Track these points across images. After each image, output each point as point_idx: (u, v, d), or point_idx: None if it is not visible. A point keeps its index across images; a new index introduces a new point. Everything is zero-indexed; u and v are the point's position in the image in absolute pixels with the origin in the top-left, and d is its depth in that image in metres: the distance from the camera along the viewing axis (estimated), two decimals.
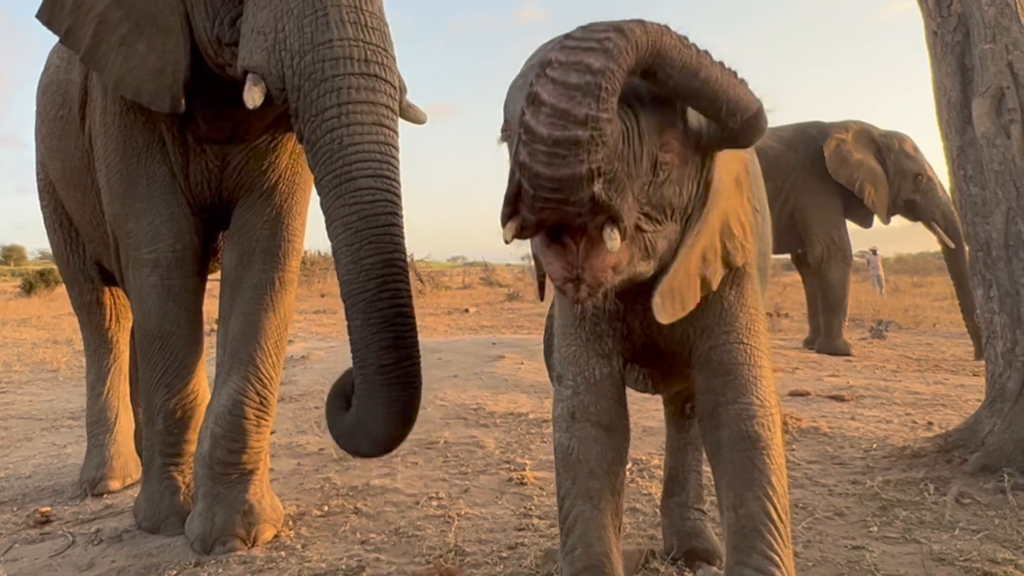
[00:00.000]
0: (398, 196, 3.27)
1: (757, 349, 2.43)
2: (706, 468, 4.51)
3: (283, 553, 3.88)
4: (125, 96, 3.98)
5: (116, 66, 3.93)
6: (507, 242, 1.93)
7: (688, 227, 2.23)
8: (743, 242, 2.39)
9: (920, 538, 3.76)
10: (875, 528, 3.92)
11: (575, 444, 2.50)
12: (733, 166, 2.39)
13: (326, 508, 4.55)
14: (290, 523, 4.30)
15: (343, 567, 3.68)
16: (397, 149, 3.35)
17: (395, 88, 3.43)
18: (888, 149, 10.95)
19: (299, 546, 3.97)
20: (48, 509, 4.63)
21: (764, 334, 2.50)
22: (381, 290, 3.13)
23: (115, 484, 5.09)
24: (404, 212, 3.29)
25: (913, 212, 10.94)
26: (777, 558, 2.30)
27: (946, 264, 10.75)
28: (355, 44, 3.33)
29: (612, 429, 2.54)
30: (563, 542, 2.49)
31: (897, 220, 11.15)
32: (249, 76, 3.44)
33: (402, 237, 3.25)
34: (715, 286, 2.34)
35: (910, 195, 10.82)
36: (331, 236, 3.27)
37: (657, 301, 2.17)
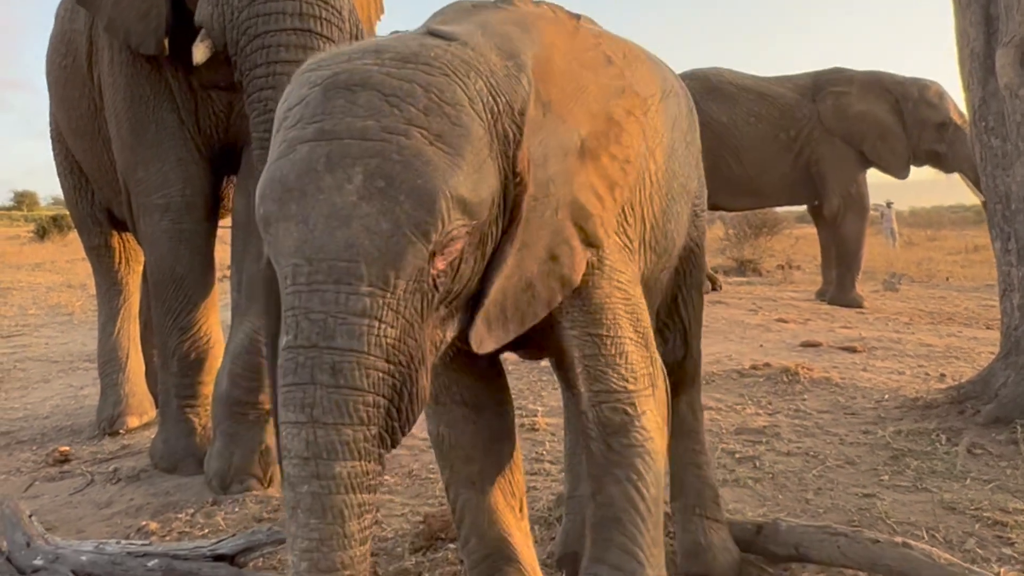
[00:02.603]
0: None
1: (613, 338, 2.09)
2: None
3: None
4: (116, 38, 4.04)
5: (108, 8, 3.98)
6: None
7: (503, 241, 1.78)
8: (604, 213, 1.98)
9: (931, 487, 3.78)
10: (886, 477, 3.95)
11: (444, 431, 2.32)
12: (569, 139, 1.88)
13: None
14: None
15: None
16: None
17: (334, 42, 3.39)
18: (905, 98, 10.53)
19: None
20: (67, 448, 4.70)
21: (625, 308, 2.13)
22: None
23: (133, 421, 5.16)
24: None
25: (939, 163, 10.65)
26: (641, 553, 2.06)
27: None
28: None
29: (480, 407, 2.32)
30: (458, 535, 2.37)
31: (912, 173, 10.93)
32: (201, 31, 3.48)
33: None
34: (577, 279, 1.96)
35: (933, 145, 10.45)
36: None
37: (480, 332, 1.78)
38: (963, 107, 6.29)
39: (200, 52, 3.50)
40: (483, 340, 1.82)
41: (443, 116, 1.57)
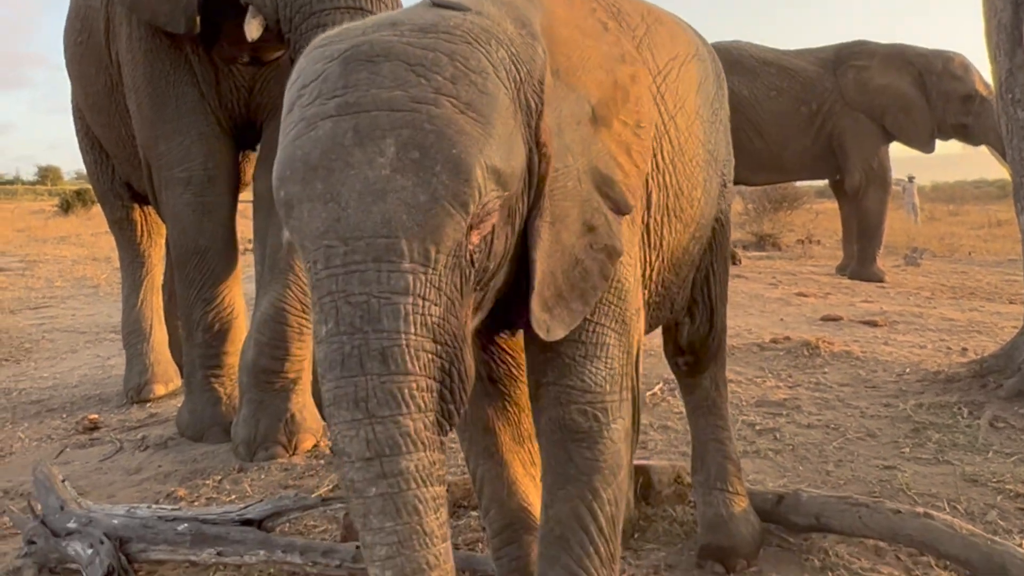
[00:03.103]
0: None
1: (596, 323, 1.96)
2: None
3: (322, 461, 3.99)
4: (141, 19, 4.03)
5: None
6: None
7: (532, 216, 1.73)
8: (627, 179, 1.89)
9: (952, 459, 3.79)
10: (907, 449, 3.95)
11: None
12: (580, 108, 1.83)
13: None
14: (329, 433, 4.42)
15: None
16: None
17: None
18: (929, 71, 10.40)
19: None
20: (96, 416, 4.79)
21: (614, 292, 2.00)
22: None
23: (160, 389, 5.25)
24: None
25: (966, 136, 10.52)
26: (584, 574, 1.95)
27: None
28: None
29: (496, 379, 2.28)
30: (479, 504, 2.34)
31: (935, 148, 10.79)
32: (249, 8, 3.48)
33: None
34: (622, 247, 1.88)
35: (959, 119, 10.32)
36: None
37: (542, 318, 1.73)
38: (989, 79, 6.20)
39: (253, 28, 3.51)
40: (548, 325, 1.76)
41: (471, 84, 1.52)
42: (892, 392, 4.90)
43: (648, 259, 2.33)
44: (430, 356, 1.46)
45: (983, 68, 10.12)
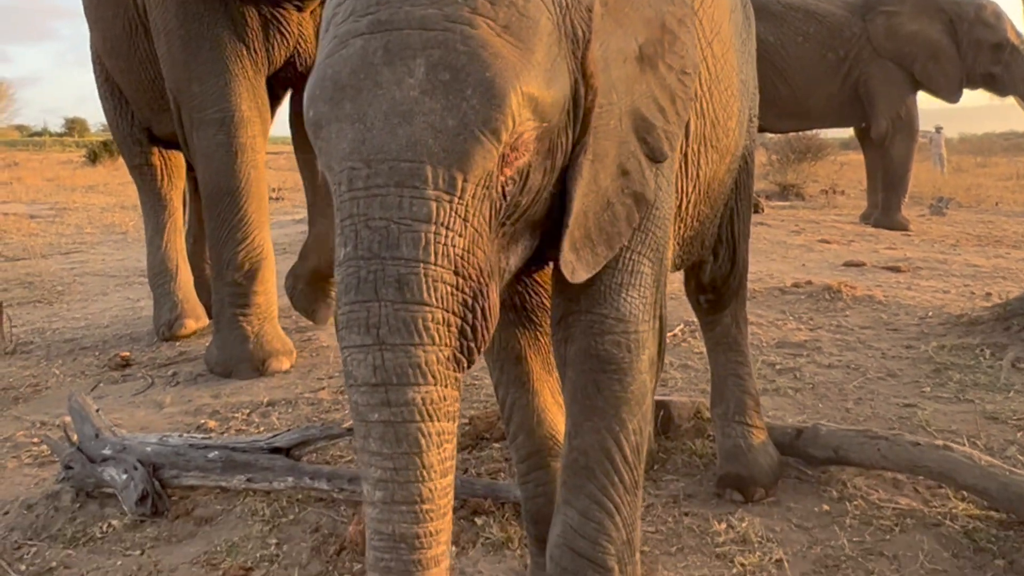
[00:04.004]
0: None
1: (633, 251, 1.92)
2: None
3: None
4: None
5: None
6: None
7: (576, 152, 1.67)
8: (668, 127, 1.84)
9: (973, 398, 3.81)
10: (928, 389, 3.97)
11: (494, 332, 2.26)
12: (627, 45, 1.76)
13: None
14: None
15: None
16: None
17: None
18: (960, 18, 10.15)
19: None
20: (127, 354, 4.90)
21: (654, 234, 1.97)
22: None
23: (191, 324, 5.35)
24: None
25: (993, 86, 10.34)
26: (610, 504, 1.95)
27: None
28: None
29: (528, 309, 2.26)
30: (507, 431, 2.34)
31: (964, 99, 10.59)
32: None
33: None
34: (652, 196, 1.85)
35: (989, 68, 10.12)
36: None
37: (569, 259, 1.69)
38: (1021, 28, 6.08)
39: None
40: (574, 268, 1.71)
41: (510, 5, 1.44)
42: (914, 335, 4.90)
43: (684, 190, 2.30)
44: (450, 288, 1.41)
45: (1015, 17, 9.92)
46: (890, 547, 2.57)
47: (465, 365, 1.47)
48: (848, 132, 12.27)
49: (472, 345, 1.46)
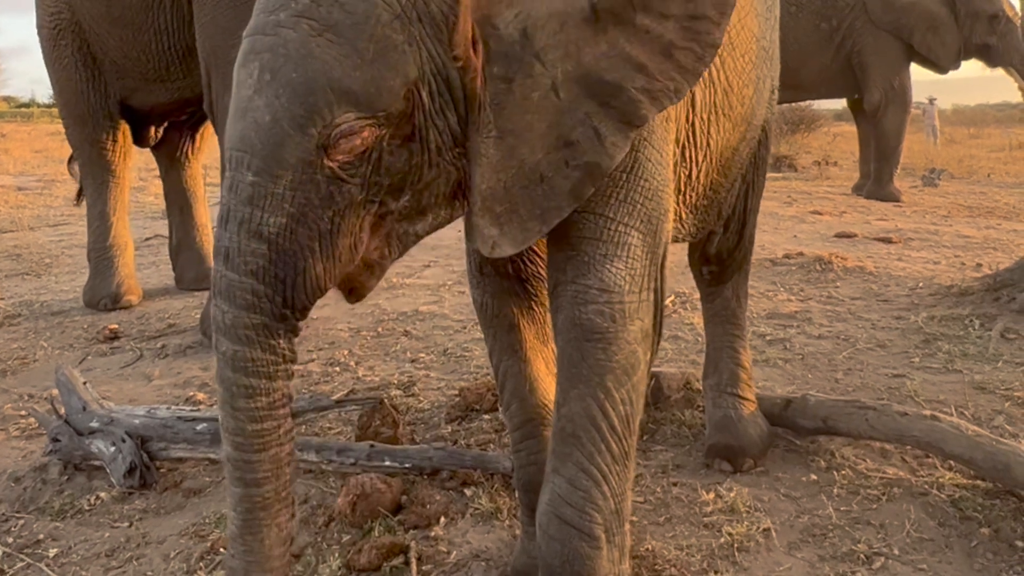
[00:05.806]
0: None
1: (619, 223, 1.90)
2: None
3: (338, 368, 4.06)
4: None
5: None
6: None
7: (470, 131, 1.73)
8: (652, 84, 1.75)
9: (962, 368, 3.82)
10: (917, 359, 3.98)
11: (488, 300, 2.25)
12: (564, 8, 1.70)
13: (379, 330, 4.72)
14: (345, 342, 4.49)
15: (395, 381, 3.85)
16: None
17: None
18: None
19: (353, 363, 4.15)
20: (116, 326, 4.87)
21: (643, 188, 1.94)
22: None
23: (134, 299, 5.54)
24: None
25: (988, 57, 10.27)
26: (597, 472, 1.95)
27: None
28: None
29: (523, 278, 2.26)
30: (500, 399, 2.36)
31: (959, 68, 10.53)
32: None
33: None
34: (612, 164, 1.78)
35: (984, 39, 10.06)
36: None
37: (489, 233, 1.77)
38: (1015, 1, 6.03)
39: None
40: (495, 241, 1.76)
41: (337, 4, 1.56)
42: (904, 305, 4.91)
43: (695, 159, 2.28)
44: (262, 264, 1.60)
45: None
46: (877, 516, 2.58)
47: (281, 331, 1.67)
48: (841, 103, 12.21)
49: (287, 312, 1.66)
